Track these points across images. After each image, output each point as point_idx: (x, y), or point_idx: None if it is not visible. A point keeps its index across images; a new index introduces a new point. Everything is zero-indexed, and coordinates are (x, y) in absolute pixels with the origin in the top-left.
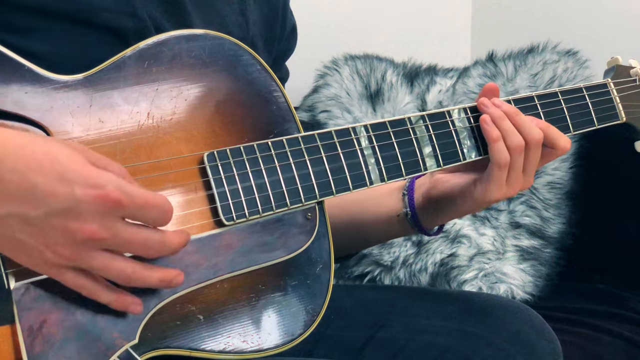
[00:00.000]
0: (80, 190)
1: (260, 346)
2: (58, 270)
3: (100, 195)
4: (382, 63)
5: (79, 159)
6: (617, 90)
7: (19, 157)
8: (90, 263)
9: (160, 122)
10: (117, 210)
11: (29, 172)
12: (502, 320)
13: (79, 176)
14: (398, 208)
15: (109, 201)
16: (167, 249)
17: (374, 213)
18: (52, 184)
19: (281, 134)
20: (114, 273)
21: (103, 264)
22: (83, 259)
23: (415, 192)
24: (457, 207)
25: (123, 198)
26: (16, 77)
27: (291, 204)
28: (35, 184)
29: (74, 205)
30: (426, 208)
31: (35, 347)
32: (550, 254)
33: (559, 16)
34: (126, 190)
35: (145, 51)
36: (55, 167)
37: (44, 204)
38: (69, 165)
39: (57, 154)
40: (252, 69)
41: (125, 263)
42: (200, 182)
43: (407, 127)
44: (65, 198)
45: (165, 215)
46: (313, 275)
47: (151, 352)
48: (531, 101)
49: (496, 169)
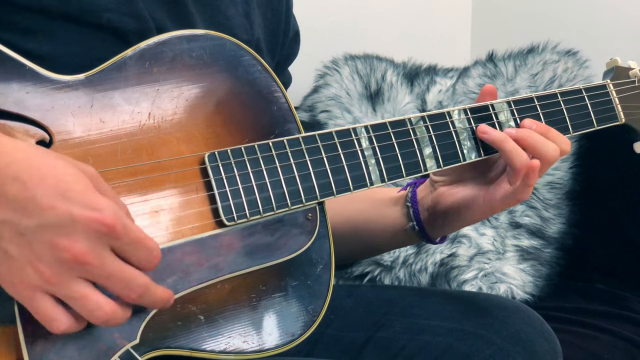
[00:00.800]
0: (78, 210)
1: (261, 346)
2: (32, 293)
3: (96, 219)
4: (382, 63)
5: (84, 181)
6: (616, 91)
7: (24, 167)
8: (69, 288)
9: (161, 122)
10: (109, 238)
11: (31, 182)
12: (502, 320)
13: (80, 197)
14: (403, 220)
15: (104, 226)
16: (149, 297)
17: (379, 225)
18: (51, 199)
19: (282, 135)
20: (90, 307)
21: (82, 293)
22: (63, 283)
23: (419, 205)
24: (465, 220)
25: (118, 226)
26: (17, 77)
27: (292, 204)
28: (34, 195)
29: (69, 222)
30: (433, 222)
31: (36, 347)
32: (550, 254)
33: (559, 16)
34: (123, 221)
35: (146, 51)
36: (58, 184)
37: (39, 215)
38: (72, 184)
39: (63, 172)
40: (253, 70)
41: (106, 300)
42: (201, 183)
43: (407, 128)
44: (62, 214)
45: (153, 260)
46: (313, 275)
47: (152, 352)
48: (531, 102)
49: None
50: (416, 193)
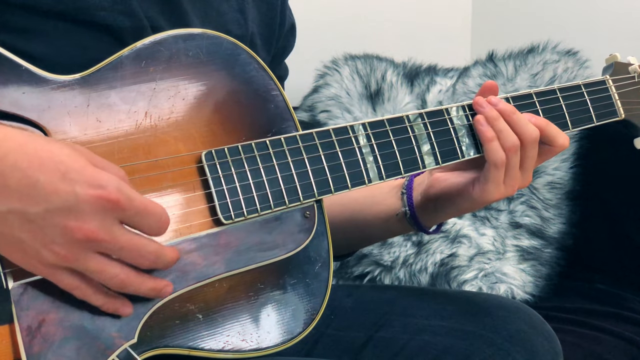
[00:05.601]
0: (82, 189)
1: (259, 345)
2: (53, 271)
3: (100, 196)
4: (382, 63)
5: (81, 159)
6: (615, 87)
7: (21, 155)
8: (86, 264)
9: (158, 121)
10: (116, 212)
11: (31, 169)
12: (502, 320)
13: (81, 176)
14: (397, 207)
15: (109, 202)
16: (161, 262)
17: (373, 211)
18: (54, 182)
19: (279, 133)
20: (108, 277)
21: (99, 267)
22: (79, 260)
23: (414, 190)
24: (456, 206)
25: (123, 200)
26: (14, 77)
27: (289, 202)
28: (37, 181)
29: (75, 204)
30: (425, 207)
31: (34, 347)
32: (550, 254)
33: (559, 16)
34: (126, 193)
35: (143, 51)
36: (57, 166)
37: (45, 201)
38: (70, 164)
39: (59, 154)
40: (249, 68)
41: (120, 269)
42: (199, 181)
43: (405, 125)
44: (67, 196)
45: (162, 225)
46: (312, 273)
47: (150, 351)
48: (530, 98)
49: (492, 169)
50: (413, 180)
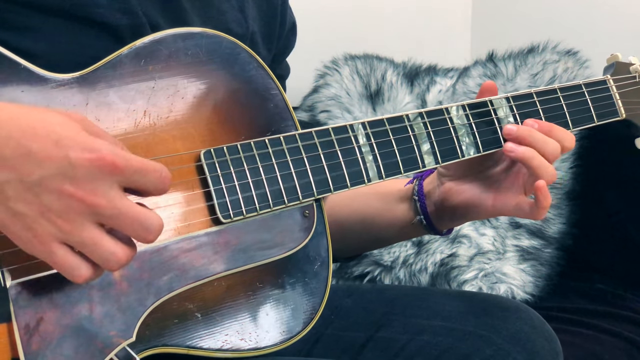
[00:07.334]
0: (75, 154)
1: (258, 344)
2: (49, 246)
3: (95, 158)
4: (382, 63)
5: (74, 125)
6: (616, 86)
7: (14, 125)
8: (81, 235)
9: (157, 120)
10: (112, 175)
11: (24, 138)
12: (502, 320)
13: (73, 142)
14: (410, 214)
15: (104, 164)
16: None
17: (387, 218)
18: (47, 149)
19: (278, 132)
20: (103, 251)
21: (94, 239)
22: (76, 229)
23: (427, 197)
24: (473, 217)
25: (119, 161)
26: (12, 76)
27: (289, 201)
28: (30, 149)
29: (69, 169)
30: (440, 217)
31: (32, 345)
32: (550, 254)
33: (559, 16)
34: (122, 155)
35: (142, 49)
36: (49, 134)
37: (40, 167)
38: (62, 132)
39: (52, 122)
40: (249, 67)
41: (118, 246)
42: (197, 180)
43: (405, 124)
44: (61, 162)
45: (164, 180)
46: (311, 273)
47: (149, 350)
48: (530, 98)
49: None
50: (422, 186)
